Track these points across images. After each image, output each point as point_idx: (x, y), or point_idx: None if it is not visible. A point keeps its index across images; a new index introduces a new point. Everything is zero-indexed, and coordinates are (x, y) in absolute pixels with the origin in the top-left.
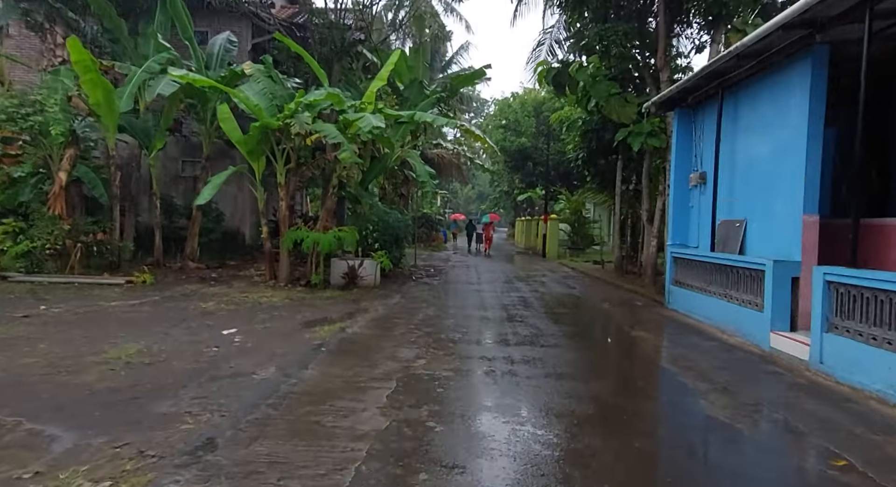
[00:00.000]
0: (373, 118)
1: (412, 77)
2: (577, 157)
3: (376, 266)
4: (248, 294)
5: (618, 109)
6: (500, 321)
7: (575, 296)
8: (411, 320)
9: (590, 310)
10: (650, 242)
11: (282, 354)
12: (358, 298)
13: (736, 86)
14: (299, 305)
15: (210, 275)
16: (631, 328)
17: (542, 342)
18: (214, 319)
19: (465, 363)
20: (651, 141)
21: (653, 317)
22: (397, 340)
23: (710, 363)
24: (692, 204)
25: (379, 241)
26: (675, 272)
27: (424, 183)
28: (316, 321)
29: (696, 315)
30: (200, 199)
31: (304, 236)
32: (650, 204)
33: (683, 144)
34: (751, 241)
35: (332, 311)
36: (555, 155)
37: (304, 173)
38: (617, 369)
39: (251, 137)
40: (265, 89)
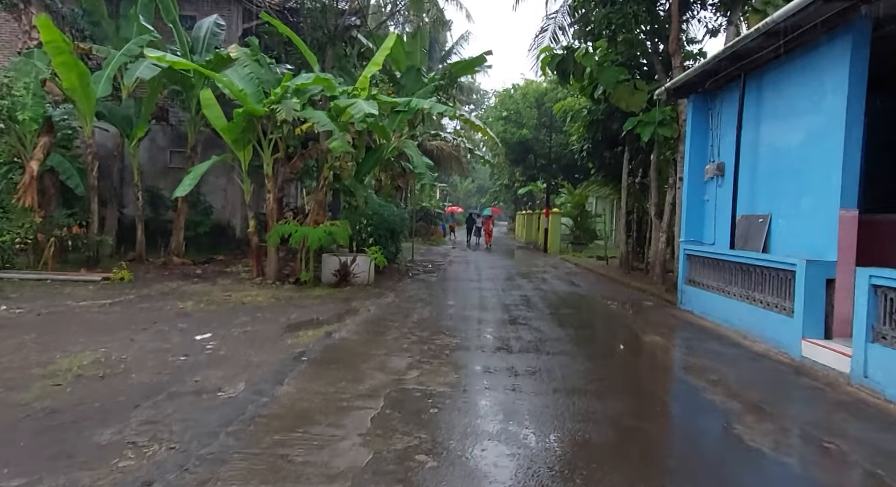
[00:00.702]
0: (366, 105)
1: (409, 64)
2: (582, 148)
3: (370, 263)
4: (232, 293)
5: (626, 96)
6: (501, 324)
7: (580, 295)
8: (405, 322)
9: (597, 311)
10: (659, 237)
11: (257, 364)
12: (349, 297)
13: (760, 68)
14: (285, 305)
15: (194, 271)
16: (643, 332)
17: (548, 349)
18: (189, 321)
19: (464, 375)
20: (662, 131)
21: (665, 319)
22: (388, 346)
23: (737, 375)
24: (707, 198)
25: (373, 236)
26: (689, 271)
27: (422, 175)
28: (301, 323)
29: (713, 318)
30: (180, 190)
31: (292, 230)
32: (659, 198)
33: (699, 133)
34: (776, 238)
35: (320, 312)
36: (557, 147)
37: (296, 164)
38: (634, 383)
39: (235, 125)
40: (251, 74)
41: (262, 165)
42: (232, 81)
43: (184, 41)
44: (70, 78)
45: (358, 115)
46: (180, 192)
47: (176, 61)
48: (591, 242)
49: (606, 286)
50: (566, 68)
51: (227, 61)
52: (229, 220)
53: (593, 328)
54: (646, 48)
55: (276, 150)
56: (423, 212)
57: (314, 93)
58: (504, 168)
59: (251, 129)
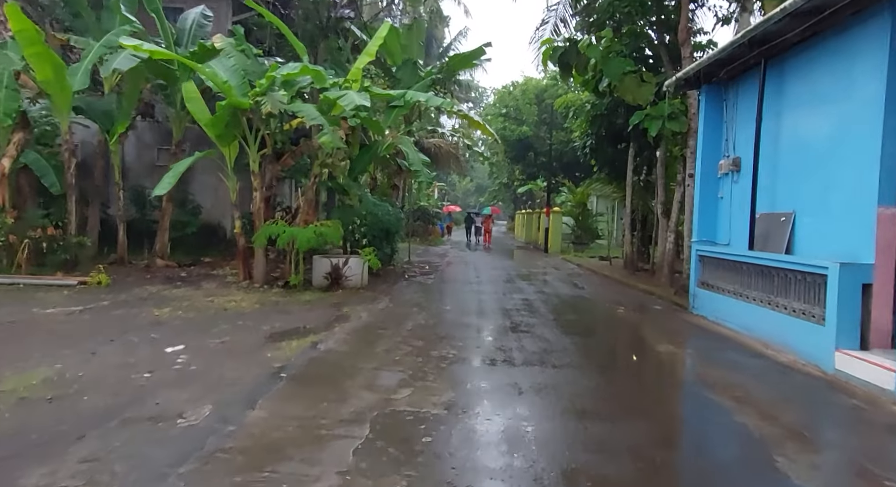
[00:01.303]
0: (357, 97)
1: (405, 57)
2: (585, 144)
3: (363, 265)
4: (215, 298)
5: (633, 89)
6: (502, 332)
7: (584, 298)
8: (399, 330)
9: (604, 316)
10: (666, 237)
11: (229, 382)
12: (341, 301)
13: (783, 54)
14: (271, 311)
15: (178, 274)
16: (656, 341)
17: (554, 362)
18: (163, 331)
19: (461, 393)
20: (671, 125)
21: (678, 325)
22: (379, 359)
23: (766, 391)
24: (721, 195)
25: (367, 236)
26: (702, 273)
27: (418, 172)
28: (285, 332)
29: (730, 324)
30: (160, 188)
31: (279, 231)
32: (665, 196)
33: (712, 126)
34: (800, 238)
35: (308, 319)
36: (557, 144)
37: (286, 162)
38: (652, 402)
39: (218, 119)
40: (236, 66)
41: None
42: (215, 72)
43: (168, 32)
44: (44, 70)
45: (349, 107)
46: (160, 190)
47: (155, 51)
48: (592, 241)
49: (611, 289)
50: (568, 61)
51: (213, 53)
52: (219, 220)
53: (601, 336)
54: (651, 40)
55: (264, 146)
56: (421, 211)
57: (303, 85)
58: (503, 166)
59: (236, 123)
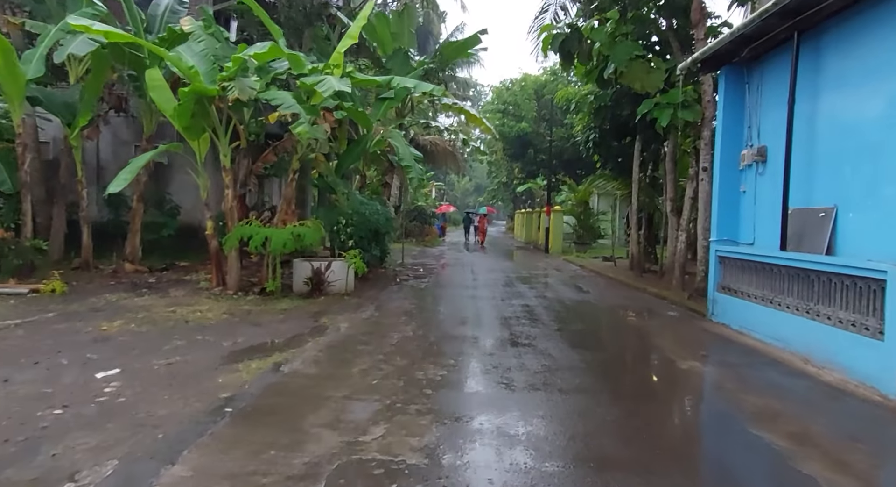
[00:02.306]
0: (336, 81)
1: (396, 46)
2: (587, 139)
3: (348, 269)
4: (179, 308)
5: (641, 75)
6: (499, 346)
7: (590, 304)
8: (381, 345)
9: (613, 325)
10: (677, 236)
11: (157, 422)
12: (321, 310)
13: (820, 26)
14: (239, 323)
15: (146, 280)
16: (676, 355)
17: (561, 385)
18: (104, 350)
19: (448, 433)
20: (683, 114)
21: (697, 335)
22: (352, 384)
23: (824, 426)
24: (744, 189)
25: (353, 237)
26: (722, 276)
27: (409, 168)
28: (248, 350)
29: (758, 334)
30: (113, 186)
31: (252, 232)
32: (675, 192)
33: (732, 112)
34: (844, 236)
35: (279, 332)
36: (558, 141)
37: (268, 158)
38: (689, 441)
39: (184, 109)
40: (206, 50)
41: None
42: (180, 56)
43: (136, 18)
44: None
45: (327, 92)
46: (113, 188)
47: (110, 32)
48: (594, 241)
49: (619, 292)
50: (570, 49)
51: (183, 38)
52: (200, 221)
53: (613, 350)
54: (658, 26)
55: (237, 139)
56: (417, 211)
57: (279, 72)
58: (502, 165)
59: (204, 114)
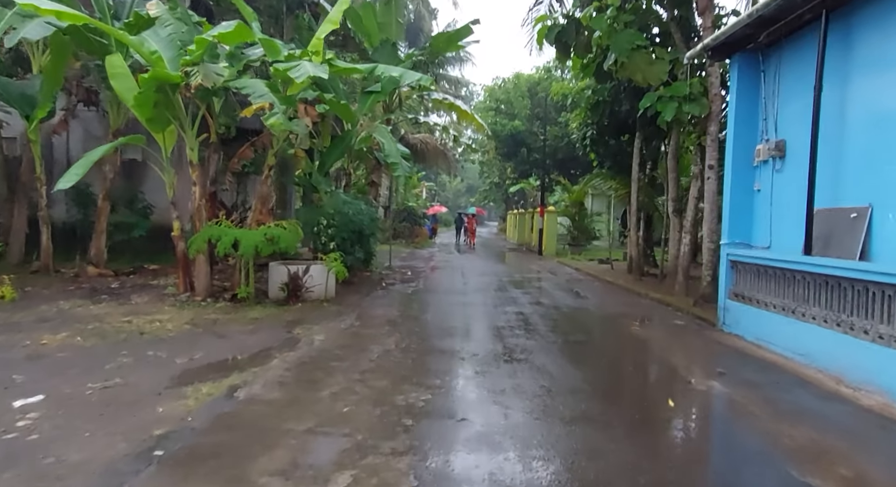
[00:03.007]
0: (312, 67)
1: (383, 37)
2: (584, 136)
3: (327, 273)
4: (136, 317)
5: (643, 67)
6: (492, 362)
7: (589, 311)
8: (358, 362)
9: (616, 336)
10: (680, 238)
11: (64, 471)
12: (296, 319)
13: (852, 3)
14: (201, 335)
15: (109, 286)
16: (690, 372)
17: (564, 413)
18: (35, 369)
19: (428, 481)
20: (689, 108)
21: (710, 348)
22: (319, 412)
23: (884, 466)
24: (758, 187)
25: (335, 239)
26: (735, 282)
27: (395, 165)
28: (204, 368)
29: (777, 347)
30: (63, 182)
31: (219, 234)
32: (677, 191)
33: (746, 104)
34: (881, 240)
35: (245, 346)
36: (552, 140)
37: (244, 154)
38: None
39: (145, 98)
40: (173, 35)
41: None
42: (142, 41)
43: (103, 3)
44: None
45: (301, 78)
46: (63, 184)
47: (62, 12)
48: (589, 243)
49: (619, 298)
50: (567, 40)
51: (150, 23)
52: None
53: (619, 368)
54: (659, 16)
55: (206, 130)
56: (407, 212)
57: (252, 58)
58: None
59: (168, 103)
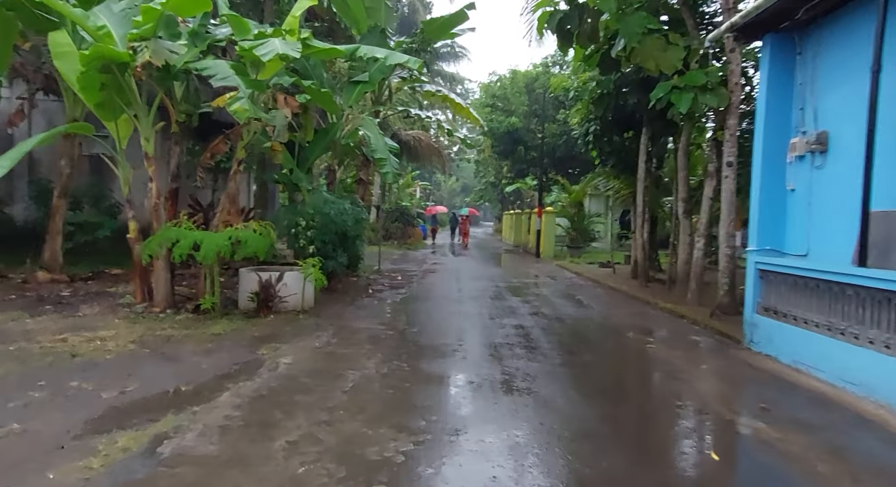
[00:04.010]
0: (281, 44)
1: (372, 24)
2: (587, 131)
3: (304, 281)
4: (74, 334)
5: (656, 53)
6: (488, 394)
7: (596, 324)
8: (328, 394)
9: (631, 357)
10: (692, 242)
11: None
12: (264, 334)
13: None
14: (147, 357)
15: (59, 293)
16: (729, 409)
17: (583, 472)
18: None
19: None
20: (706, 98)
21: (742, 374)
22: (264, 477)
23: None
24: (793, 186)
25: (315, 242)
26: (765, 295)
27: (383, 161)
28: (132, 407)
29: (823, 374)
30: None
31: (177, 236)
32: (688, 191)
33: (779, 92)
34: None
35: (195, 372)
36: (550, 138)
37: (218, 148)
38: None
39: (89, 79)
40: (127, 11)
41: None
42: (87, 15)
43: None
44: None
45: (267, 56)
46: None
47: None
48: (587, 245)
49: (626, 308)
50: (569, 27)
51: None
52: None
53: (641, 402)
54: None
55: (167, 118)
56: (400, 212)
57: (218, 38)
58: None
59: (117, 87)
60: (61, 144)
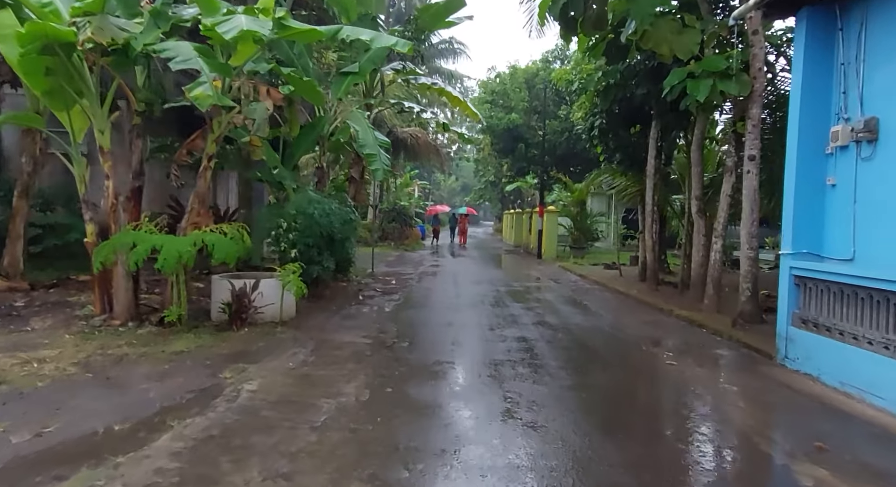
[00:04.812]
0: (247, 20)
1: (362, 11)
2: (592, 126)
3: (282, 289)
4: (9, 355)
5: (670, 37)
6: (488, 430)
7: (607, 335)
8: (294, 433)
9: (651, 377)
10: (711, 243)
11: None
12: (233, 353)
13: None
14: (85, 384)
15: (13, 303)
16: (777, 447)
17: None
18: None
19: None
20: (725, 86)
21: (783, 398)
22: None
23: None
24: (834, 181)
25: (297, 246)
26: (803, 304)
27: (372, 157)
28: (41, 457)
29: (884, 402)
30: None
31: (134, 240)
32: (702, 189)
33: (816, 74)
34: None
35: (137, 404)
36: (551, 135)
37: (195, 144)
38: None
39: (31, 62)
40: None
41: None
42: None
43: None
44: None
45: (230, 33)
46: None
47: None
48: (590, 245)
49: (638, 315)
50: (574, 12)
51: None
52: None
53: (671, 439)
54: None
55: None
56: (397, 212)
57: (183, 18)
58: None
59: (65, 72)
60: (21, 140)
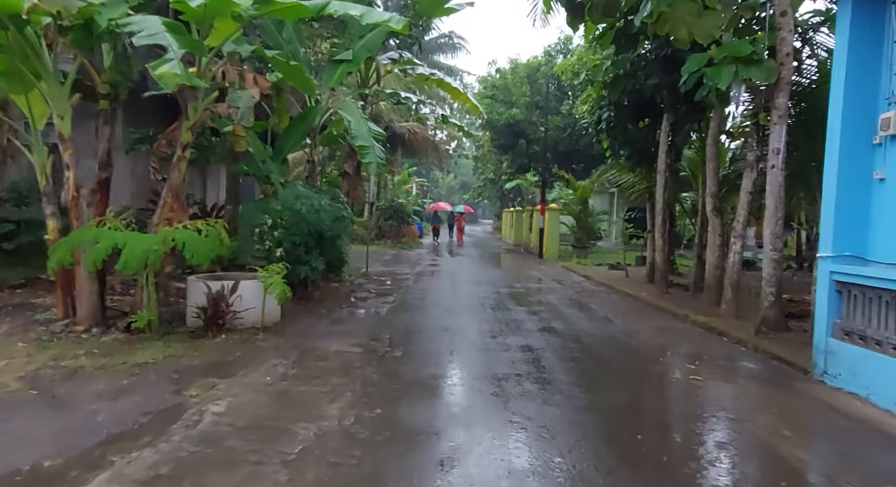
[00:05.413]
0: None
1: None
2: (599, 119)
3: (263, 291)
4: None
5: (689, 19)
6: (489, 461)
7: (619, 342)
8: (261, 470)
9: (675, 396)
10: (730, 243)
11: None
12: (205, 364)
13: None
14: (28, 403)
15: None
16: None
17: None
18: None
19: None
20: (751, 72)
21: (830, 425)
22: None
23: None
24: (882, 175)
25: (283, 244)
26: (846, 314)
27: (364, 149)
28: None
29: None
30: None
31: (95, 237)
32: (717, 186)
33: (863, 54)
34: None
35: (84, 430)
36: (553, 131)
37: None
38: None
39: None
40: None
41: None
42: None
43: None
44: None
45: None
46: None
47: None
48: (593, 244)
49: (650, 321)
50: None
51: None
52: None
53: (710, 479)
54: None
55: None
56: (394, 209)
57: None
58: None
59: (20, 51)
60: None
